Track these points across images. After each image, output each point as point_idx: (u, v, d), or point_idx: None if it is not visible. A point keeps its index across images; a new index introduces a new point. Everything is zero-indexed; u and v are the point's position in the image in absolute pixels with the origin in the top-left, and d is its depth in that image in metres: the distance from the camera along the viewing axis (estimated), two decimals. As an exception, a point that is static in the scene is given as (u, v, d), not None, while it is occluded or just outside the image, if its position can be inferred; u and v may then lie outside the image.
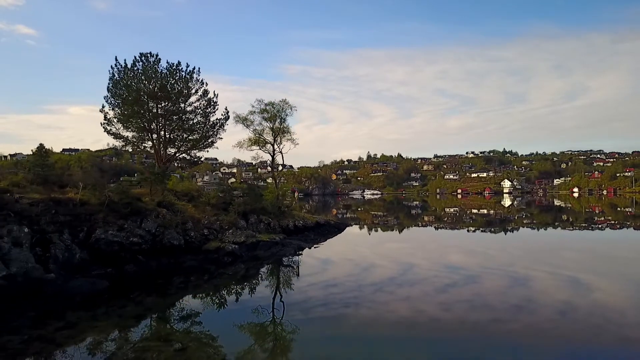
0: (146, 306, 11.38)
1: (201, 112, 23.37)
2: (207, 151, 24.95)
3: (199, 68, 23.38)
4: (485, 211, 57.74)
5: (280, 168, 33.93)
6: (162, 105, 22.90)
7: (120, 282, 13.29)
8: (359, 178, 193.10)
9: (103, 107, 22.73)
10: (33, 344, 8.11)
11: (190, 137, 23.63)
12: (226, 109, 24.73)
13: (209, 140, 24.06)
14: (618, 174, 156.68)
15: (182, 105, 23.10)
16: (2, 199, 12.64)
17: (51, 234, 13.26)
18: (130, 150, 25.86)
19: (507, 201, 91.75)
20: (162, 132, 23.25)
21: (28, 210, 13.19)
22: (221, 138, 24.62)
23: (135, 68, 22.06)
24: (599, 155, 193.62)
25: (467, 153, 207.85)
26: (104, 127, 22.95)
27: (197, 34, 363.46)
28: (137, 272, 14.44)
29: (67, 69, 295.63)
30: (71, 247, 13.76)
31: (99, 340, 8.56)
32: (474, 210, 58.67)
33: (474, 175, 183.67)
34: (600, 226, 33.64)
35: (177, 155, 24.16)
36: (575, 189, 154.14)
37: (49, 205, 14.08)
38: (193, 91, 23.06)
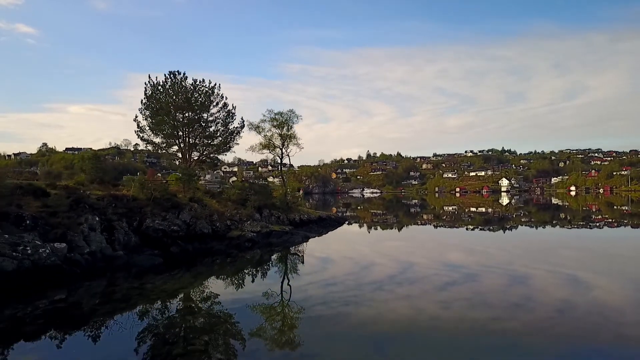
0: (192, 274, 15.41)
1: (221, 121, 27.35)
2: (226, 155, 28.94)
3: (220, 84, 27.48)
4: (483, 209, 58.42)
5: (280, 168, 37.77)
6: (187, 115, 26.74)
7: (169, 259, 17.02)
8: (358, 177, 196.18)
9: (136, 117, 26.72)
10: (135, 290, 12.53)
11: (211, 143, 27.58)
12: (242, 119, 28.78)
13: (227, 146, 28.04)
14: (615, 173, 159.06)
15: (204, 115, 26.98)
16: (80, 195, 16.40)
17: (114, 222, 17.00)
18: (162, 152, 29.69)
19: (504, 199, 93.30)
20: (187, 139, 27.12)
21: (97, 203, 16.94)
22: (237, 144, 28.70)
23: (166, 84, 25.93)
24: (596, 154, 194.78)
25: (466, 152, 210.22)
26: (137, 134, 26.94)
27: (197, 34, 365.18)
28: (178, 253, 18.16)
29: (67, 68, 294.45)
30: (128, 232, 17.55)
31: (171, 290, 12.53)
32: (472, 209, 59.32)
33: (472, 174, 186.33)
34: (598, 224, 33.92)
35: (200, 158, 28.10)
36: (573, 188, 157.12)
37: (110, 200, 17.85)
38: (214, 103, 26.99)
